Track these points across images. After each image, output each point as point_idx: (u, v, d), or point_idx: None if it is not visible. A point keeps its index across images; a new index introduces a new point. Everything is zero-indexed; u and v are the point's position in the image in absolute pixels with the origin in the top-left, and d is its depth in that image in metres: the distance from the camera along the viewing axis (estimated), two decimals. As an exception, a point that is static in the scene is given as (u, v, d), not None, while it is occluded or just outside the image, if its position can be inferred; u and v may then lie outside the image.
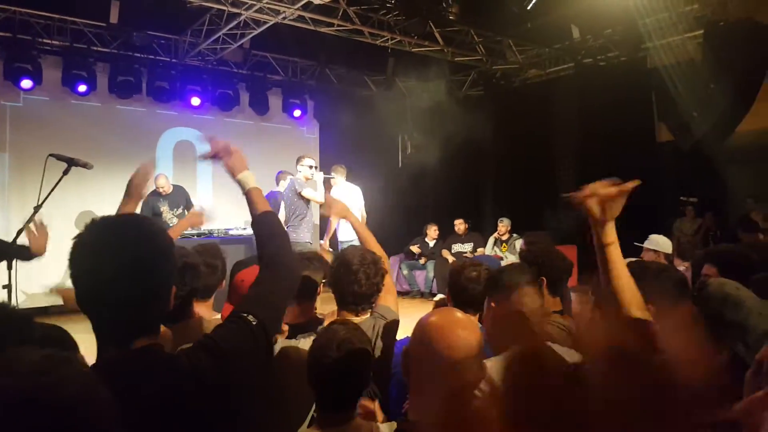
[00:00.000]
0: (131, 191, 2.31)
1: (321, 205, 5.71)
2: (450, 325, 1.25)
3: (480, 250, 8.08)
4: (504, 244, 8.03)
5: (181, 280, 1.95)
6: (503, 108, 8.44)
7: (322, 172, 5.81)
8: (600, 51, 7.53)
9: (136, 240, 1.06)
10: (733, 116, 5.56)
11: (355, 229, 2.72)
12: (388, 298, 2.37)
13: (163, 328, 1.38)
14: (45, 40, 6.80)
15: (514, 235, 7.99)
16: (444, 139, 7.87)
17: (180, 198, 6.93)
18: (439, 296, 3.38)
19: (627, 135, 6.94)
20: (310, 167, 5.72)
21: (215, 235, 6.17)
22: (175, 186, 6.99)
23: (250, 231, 7.03)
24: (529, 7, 6.53)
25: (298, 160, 5.83)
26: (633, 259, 2.48)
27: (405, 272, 8.65)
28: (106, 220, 1.10)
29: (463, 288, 2.37)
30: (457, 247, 8.24)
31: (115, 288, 1.02)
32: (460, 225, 8.51)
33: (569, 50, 7.72)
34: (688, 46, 6.13)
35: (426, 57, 7.97)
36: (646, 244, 4.01)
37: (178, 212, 6.77)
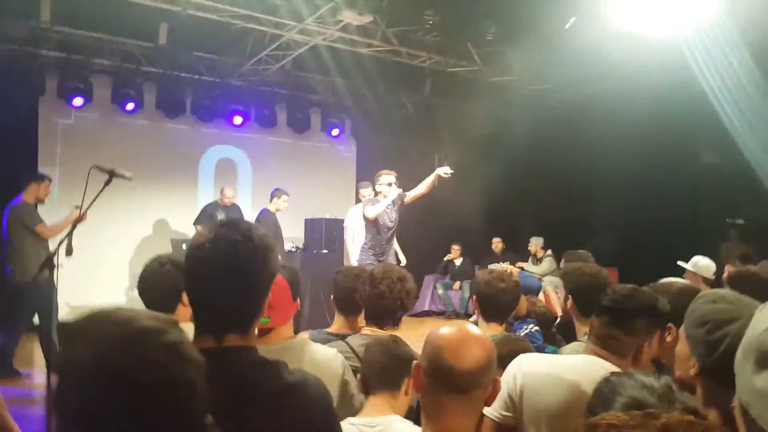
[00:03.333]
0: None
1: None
2: (459, 337, 1.23)
3: (519, 264, 8.01)
4: (539, 261, 7.97)
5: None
6: (540, 128, 8.37)
7: (400, 189, 5.43)
8: (642, 71, 7.40)
9: (239, 246, 1.15)
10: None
11: None
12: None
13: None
14: (96, 60, 7.10)
15: (548, 251, 7.96)
16: (480, 159, 7.85)
17: (236, 213, 7.14)
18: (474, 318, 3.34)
19: (670, 156, 6.78)
20: (389, 185, 5.39)
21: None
22: (234, 203, 7.26)
23: (290, 246, 7.14)
24: (567, 26, 6.50)
25: (376, 179, 5.52)
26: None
27: (440, 292, 8.61)
28: (217, 222, 1.23)
29: (490, 299, 2.37)
30: (493, 266, 8.15)
31: (214, 282, 1.14)
32: (497, 244, 8.48)
33: (610, 69, 7.61)
34: (735, 65, 5.99)
35: (463, 77, 8.01)
36: (687, 265, 3.75)
37: None
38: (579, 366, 1.56)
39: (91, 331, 0.73)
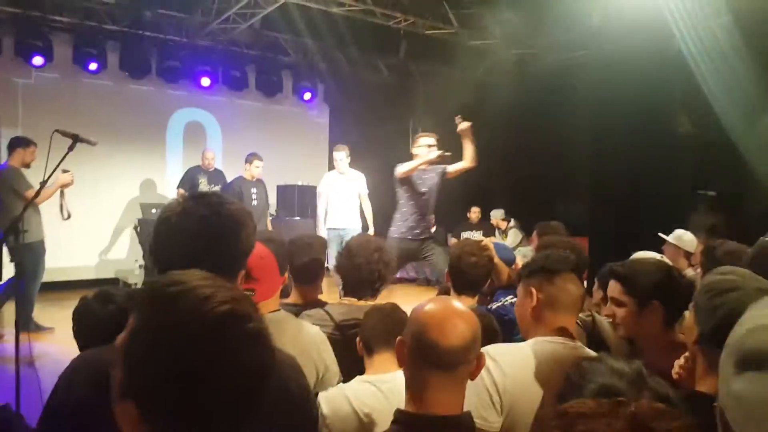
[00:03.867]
0: None
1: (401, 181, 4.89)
2: (444, 314, 1.22)
3: (492, 238, 8.06)
4: (504, 234, 8.04)
5: None
6: (518, 94, 8.29)
7: (440, 152, 4.82)
8: (623, 37, 7.32)
9: (206, 222, 1.13)
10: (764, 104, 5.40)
11: None
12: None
13: None
14: (56, 17, 6.75)
15: (511, 223, 8.03)
16: (455, 125, 7.75)
17: (219, 177, 6.97)
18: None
19: (646, 124, 6.78)
20: (429, 146, 4.81)
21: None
22: (216, 168, 7.05)
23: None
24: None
25: (415, 141, 4.98)
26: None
27: (413, 259, 8.63)
28: (190, 195, 1.21)
29: (462, 272, 2.40)
30: (466, 235, 8.20)
31: (180, 256, 1.08)
32: (475, 213, 8.44)
33: (591, 36, 7.53)
34: (717, 32, 5.96)
35: (440, 40, 7.84)
36: (670, 237, 3.58)
37: (215, 189, 6.78)
38: (542, 350, 1.55)
39: (172, 302, 0.71)
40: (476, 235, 8.17)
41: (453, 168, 5.02)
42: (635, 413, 0.63)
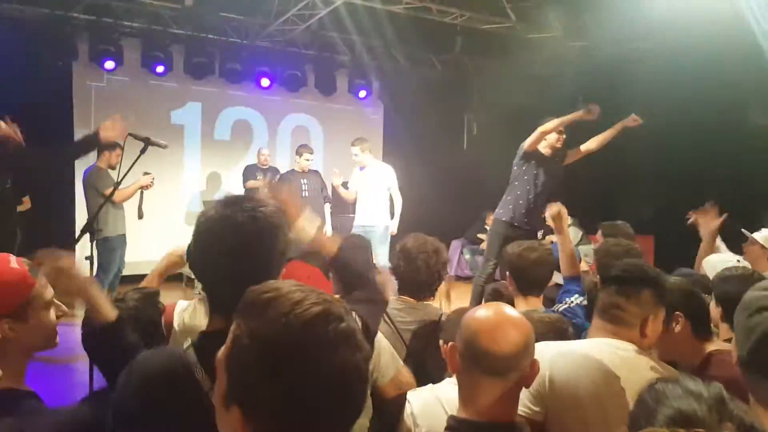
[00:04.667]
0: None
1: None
2: (495, 320, 1.21)
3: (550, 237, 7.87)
4: None
5: None
6: (577, 88, 8.02)
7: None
8: (688, 27, 6.96)
9: (243, 228, 1.12)
10: None
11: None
12: None
13: None
14: (125, 23, 7.11)
15: (569, 221, 7.76)
16: (511, 121, 7.61)
17: (275, 174, 7.15)
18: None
19: (715, 118, 6.42)
20: (558, 138, 4.66)
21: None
22: (271, 166, 7.22)
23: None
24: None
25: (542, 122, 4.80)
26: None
27: (467, 257, 8.55)
28: (224, 200, 1.18)
29: (525, 271, 2.34)
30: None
31: (220, 264, 1.12)
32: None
33: (653, 26, 7.20)
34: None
35: (496, 34, 7.70)
36: (757, 236, 3.23)
37: None
38: (597, 351, 1.53)
39: (268, 307, 0.74)
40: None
41: (584, 147, 4.79)
42: None
